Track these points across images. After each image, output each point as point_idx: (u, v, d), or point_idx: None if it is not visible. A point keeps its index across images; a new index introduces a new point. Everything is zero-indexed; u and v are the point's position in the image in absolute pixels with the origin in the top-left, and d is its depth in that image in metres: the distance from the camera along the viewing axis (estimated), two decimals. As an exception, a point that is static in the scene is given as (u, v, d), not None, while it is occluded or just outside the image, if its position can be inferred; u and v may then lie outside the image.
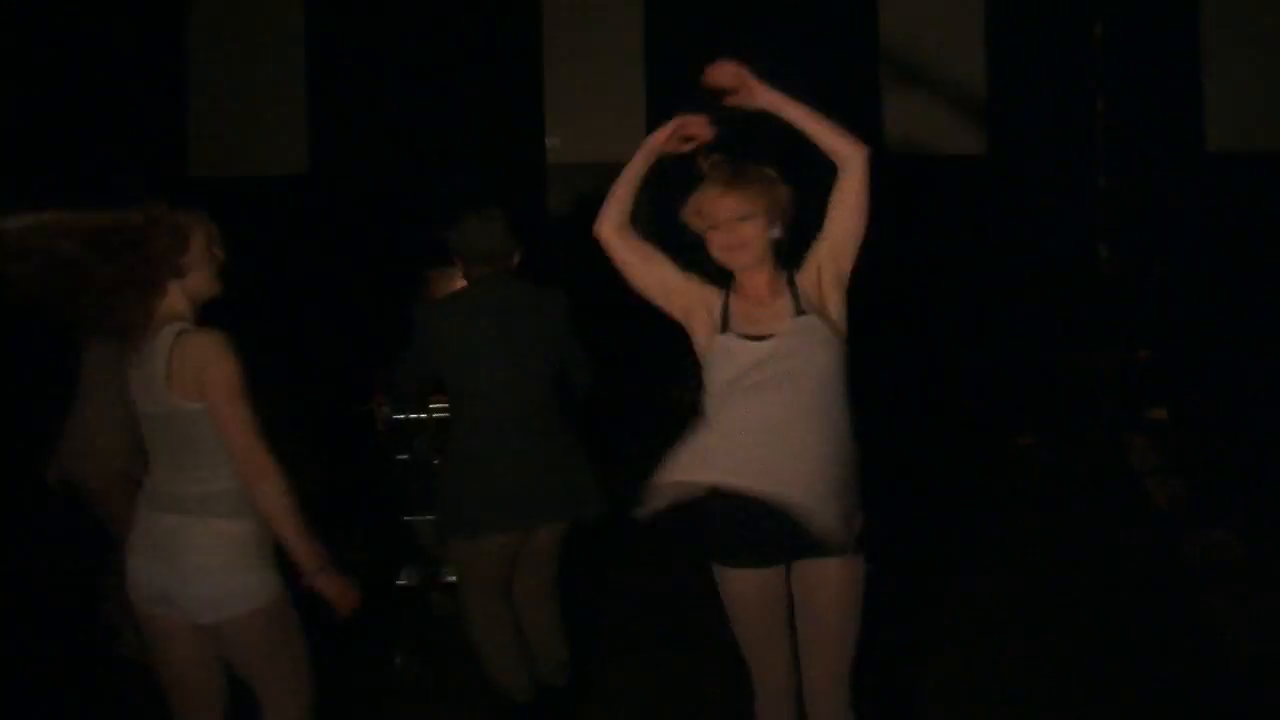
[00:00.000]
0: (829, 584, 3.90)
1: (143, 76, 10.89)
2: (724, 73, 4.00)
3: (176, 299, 3.79)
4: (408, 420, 6.40)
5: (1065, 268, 10.74)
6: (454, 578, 5.41)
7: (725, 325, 3.89)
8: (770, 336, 3.82)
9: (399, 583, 6.62)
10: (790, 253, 4.01)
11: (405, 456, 6.56)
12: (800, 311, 3.86)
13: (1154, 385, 9.77)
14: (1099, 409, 9.75)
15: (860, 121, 11.78)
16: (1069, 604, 6.47)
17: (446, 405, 5.42)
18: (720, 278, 3.98)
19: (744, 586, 3.92)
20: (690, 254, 4.00)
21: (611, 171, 4.06)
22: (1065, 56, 10.99)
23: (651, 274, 3.97)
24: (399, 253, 10.80)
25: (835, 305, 3.91)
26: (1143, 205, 10.76)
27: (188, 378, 3.69)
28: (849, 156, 3.87)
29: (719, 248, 3.91)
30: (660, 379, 8.12)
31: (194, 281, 3.83)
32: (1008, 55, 11.11)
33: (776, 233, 3.92)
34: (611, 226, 3.95)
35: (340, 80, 11.18)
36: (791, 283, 3.92)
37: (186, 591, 3.73)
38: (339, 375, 7.34)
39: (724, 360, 3.85)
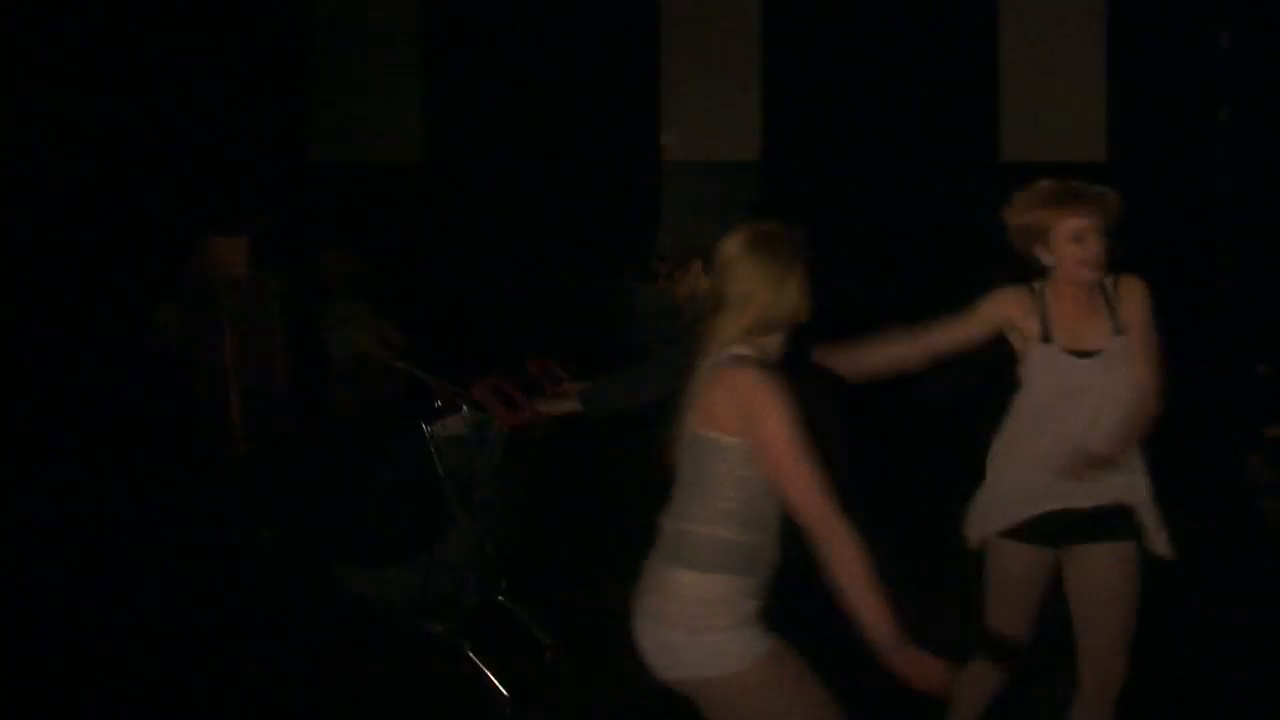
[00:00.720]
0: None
1: (263, 62, 11.04)
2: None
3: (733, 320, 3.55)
4: None
5: (1184, 279, 10.56)
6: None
7: (1047, 336, 4.17)
8: (1096, 353, 4.15)
9: None
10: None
11: None
12: (1118, 331, 4.17)
13: (1273, 401, 9.57)
14: (1215, 424, 9.57)
15: (978, 127, 11.71)
16: (1180, 623, 6.36)
17: None
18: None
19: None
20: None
21: (725, 170, 4.08)
22: (1189, 65, 10.80)
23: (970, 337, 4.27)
24: (511, 244, 10.87)
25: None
26: (1264, 217, 10.56)
27: (720, 409, 3.45)
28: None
29: (1074, 261, 4.14)
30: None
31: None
32: (1130, 61, 10.94)
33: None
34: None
35: (456, 71, 11.25)
36: (1109, 300, 4.21)
37: (646, 638, 3.49)
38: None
39: (1045, 372, 4.17)
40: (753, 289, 3.52)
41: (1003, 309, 4.21)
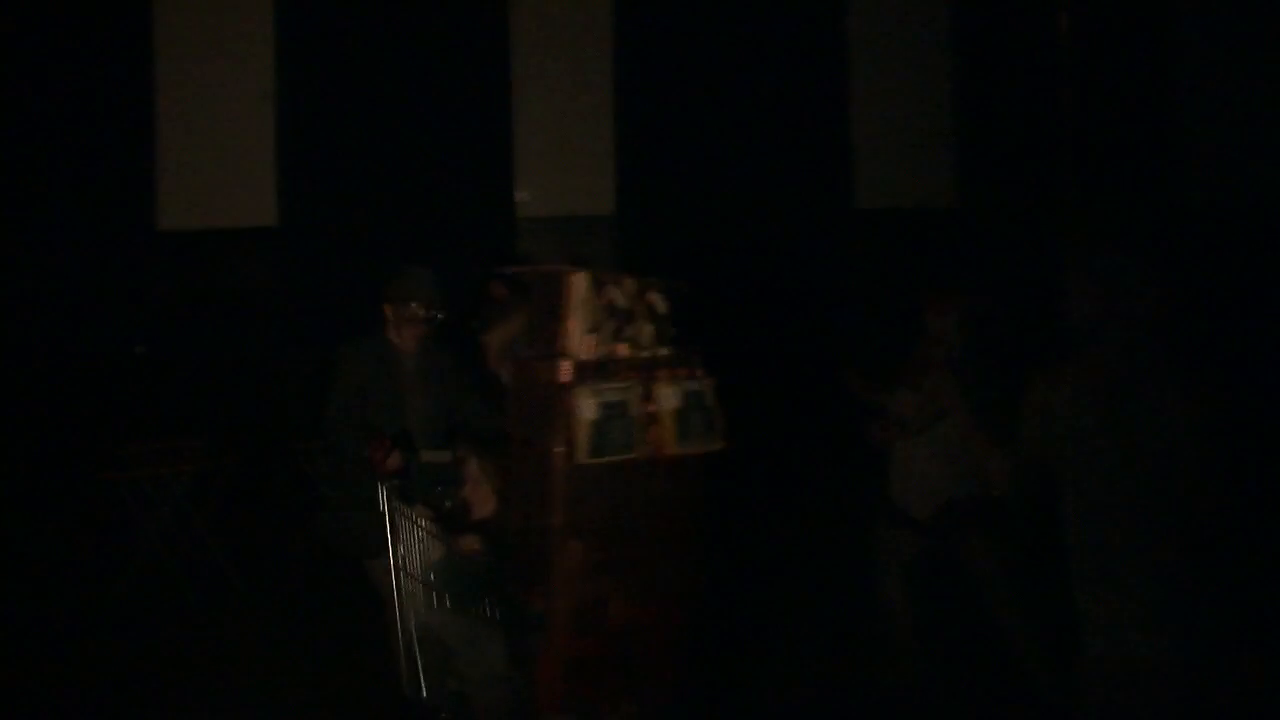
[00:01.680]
0: None
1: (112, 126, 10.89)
2: None
3: None
4: None
5: (1038, 321, 10.76)
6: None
7: None
8: None
9: None
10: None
11: None
12: None
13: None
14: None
15: (825, 96, 11.66)
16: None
17: None
18: None
19: None
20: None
21: (580, 225, 4.06)
22: (1034, 111, 11.04)
23: None
24: (365, 305, 10.76)
25: None
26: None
27: None
28: None
29: None
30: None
31: None
32: (978, 111, 11.16)
33: None
34: None
35: (309, 132, 11.16)
36: None
37: None
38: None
39: None
40: None
41: None
